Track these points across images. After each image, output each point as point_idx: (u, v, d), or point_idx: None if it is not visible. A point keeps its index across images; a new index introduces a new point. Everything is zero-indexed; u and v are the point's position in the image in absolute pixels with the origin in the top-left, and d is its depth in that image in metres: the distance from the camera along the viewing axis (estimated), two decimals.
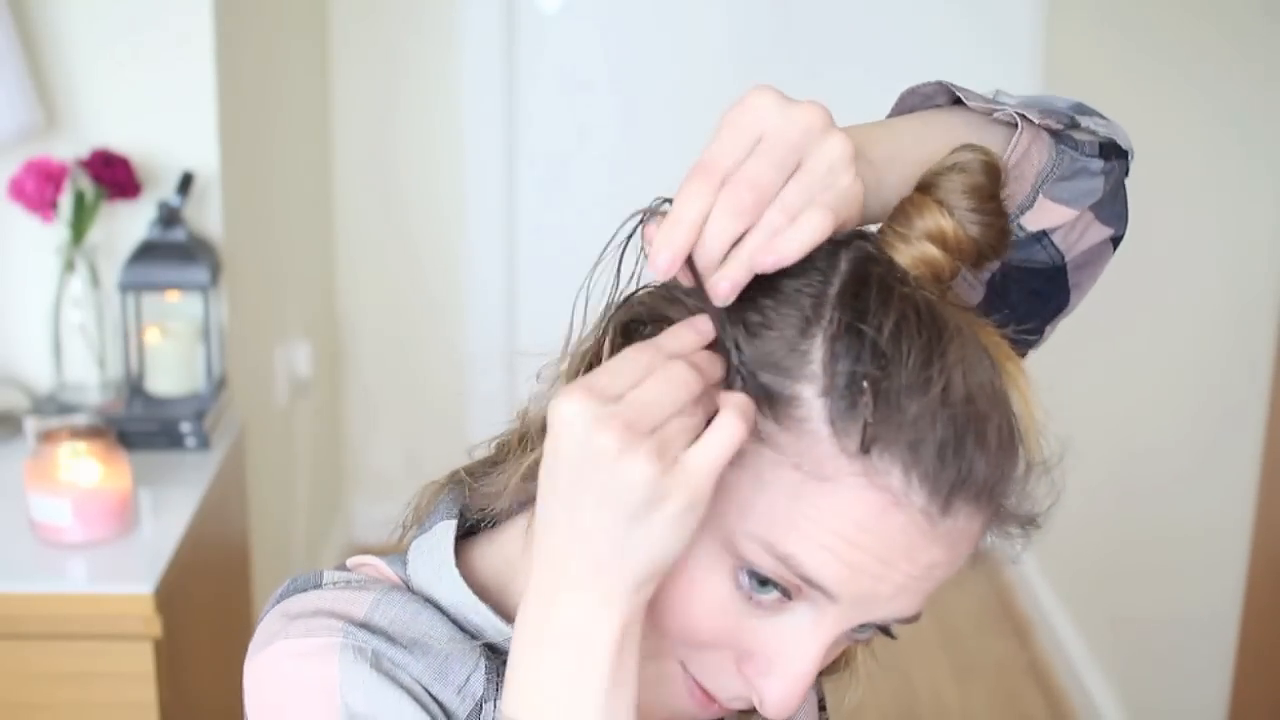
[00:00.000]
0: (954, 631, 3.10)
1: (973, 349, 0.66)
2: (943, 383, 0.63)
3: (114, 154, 1.93)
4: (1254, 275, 2.09)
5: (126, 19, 1.98)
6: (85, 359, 1.96)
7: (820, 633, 0.66)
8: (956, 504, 0.64)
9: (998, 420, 0.65)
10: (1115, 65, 2.79)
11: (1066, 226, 0.79)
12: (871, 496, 0.63)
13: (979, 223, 0.68)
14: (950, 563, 0.66)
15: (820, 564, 0.64)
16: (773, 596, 0.66)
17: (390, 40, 3.11)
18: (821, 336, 0.64)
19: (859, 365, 0.63)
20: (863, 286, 0.65)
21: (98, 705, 1.58)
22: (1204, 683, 2.19)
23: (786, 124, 0.64)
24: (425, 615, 0.73)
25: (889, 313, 0.64)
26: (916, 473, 0.63)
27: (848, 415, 0.63)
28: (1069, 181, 0.77)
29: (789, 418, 0.64)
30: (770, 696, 0.67)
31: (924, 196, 0.69)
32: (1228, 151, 2.25)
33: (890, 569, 0.64)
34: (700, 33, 3.19)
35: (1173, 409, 2.43)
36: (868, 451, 0.62)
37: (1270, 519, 2.00)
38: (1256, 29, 2.17)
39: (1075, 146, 0.77)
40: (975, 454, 0.64)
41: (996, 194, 0.69)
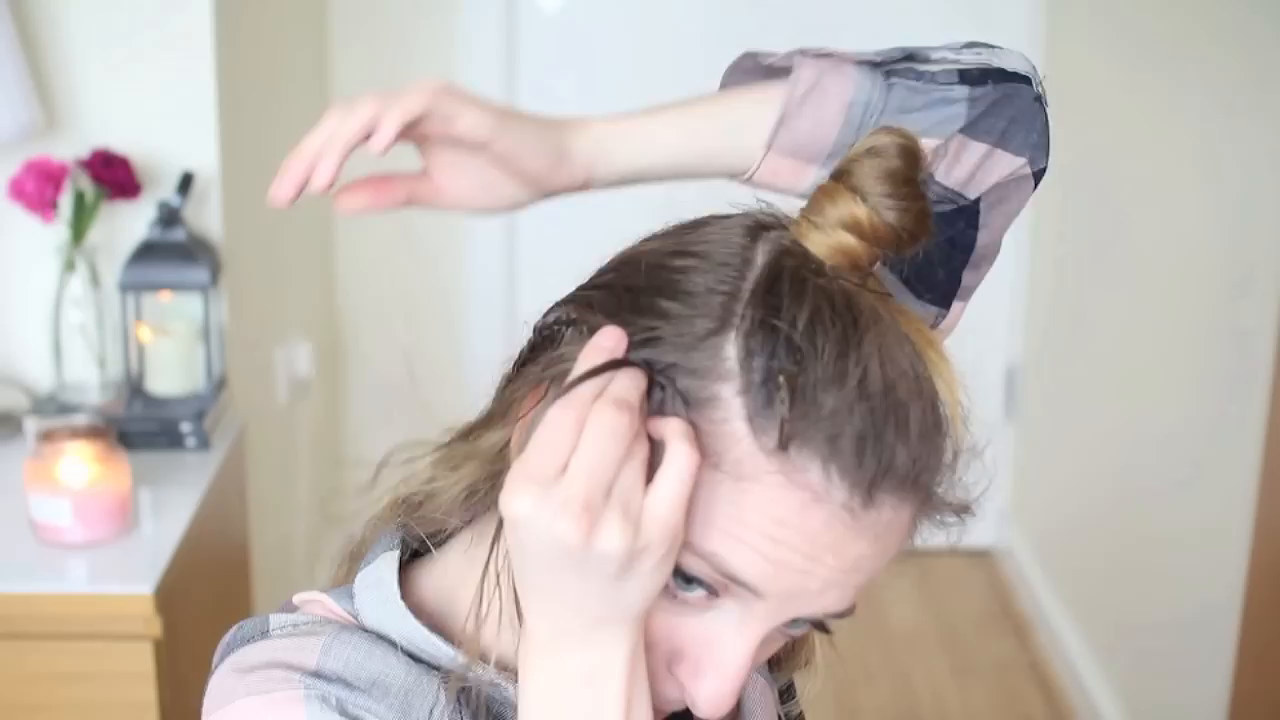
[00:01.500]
0: (954, 631, 3.10)
1: (892, 337, 0.65)
2: (859, 374, 0.62)
3: (114, 154, 1.93)
4: (1254, 275, 2.09)
5: (126, 19, 1.98)
6: (85, 359, 1.96)
7: (749, 630, 0.66)
8: (879, 495, 0.63)
9: (920, 408, 0.64)
10: (1114, 65, 2.79)
11: (947, 160, 0.77)
12: (791, 494, 0.62)
13: (895, 208, 0.66)
14: (879, 554, 0.65)
15: (744, 562, 0.63)
16: (699, 594, 0.65)
17: (390, 40, 3.10)
18: (735, 334, 0.64)
19: (774, 361, 0.62)
20: (776, 281, 0.65)
21: (98, 705, 1.58)
22: (1204, 682, 2.19)
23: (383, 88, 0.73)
24: (378, 653, 0.72)
25: (803, 306, 0.63)
26: (835, 467, 0.62)
27: (765, 413, 0.62)
28: (917, 113, 0.76)
29: (708, 419, 0.63)
30: (702, 696, 0.67)
31: (837, 184, 0.67)
32: (1227, 150, 2.25)
33: (816, 564, 0.64)
34: (700, 33, 3.19)
35: (1173, 409, 2.43)
36: (785, 449, 0.62)
37: (1270, 519, 2.00)
38: (1254, 30, 2.17)
39: (918, 77, 0.76)
40: (896, 444, 0.63)
41: (914, 178, 0.67)
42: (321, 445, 3.04)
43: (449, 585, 0.76)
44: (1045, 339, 3.16)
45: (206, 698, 0.72)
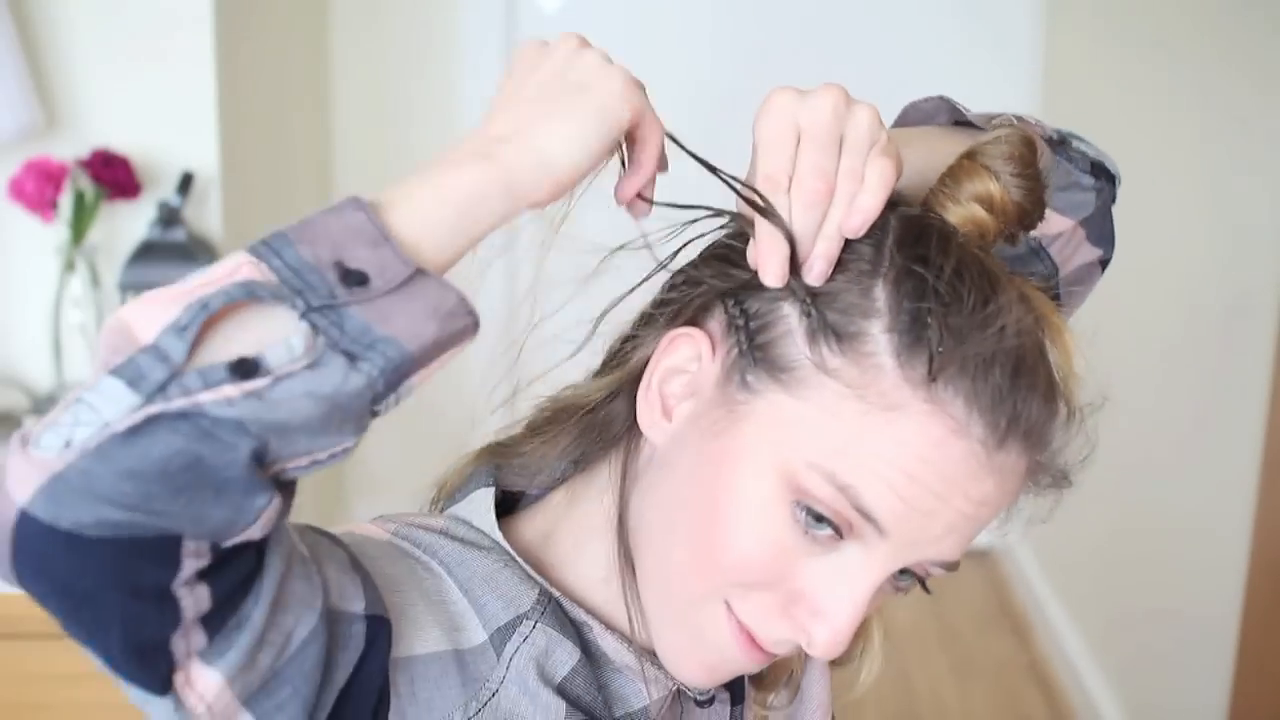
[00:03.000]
0: (954, 631, 3.10)
1: (1022, 299, 0.69)
2: (1000, 323, 0.67)
3: (114, 154, 1.93)
4: (1253, 273, 2.09)
5: (126, 19, 1.98)
6: (85, 359, 1.96)
7: (869, 573, 0.68)
8: (1010, 439, 0.67)
9: (1045, 366, 0.69)
10: (1114, 67, 2.79)
11: (1062, 241, 0.83)
12: (935, 425, 0.66)
13: (1021, 187, 0.72)
14: (998, 502, 0.69)
15: (877, 496, 0.66)
16: (826, 533, 0.67)
17: (391, 40, 3.11)
18: (884, 280, 0.68)
19: (923, 301, 0.66)
20: (922, 234, 0.69)
21: (98, 705, 1.58)
22: (1204, 682, 2.19)
23: (816, 111, 0.68)
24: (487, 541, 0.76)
25: (948, 257, 0.68)
26: (978, 404, 0.66)
27: (913, 348, 0.66)
28: (1064, 192, 0.82)
29: (855, 353, 0.67)
30: (819, 637, 0.69)
31: (972, 162, 0.73)
32: (1226, 151, 2.25)
33: (944, 504, 0.67)
34: (699, 33, 3.19)
35: (1172, 408, 2.43)
36: (934, 380, 0.66)
37: (1270, 518, 2.00)
38: (1254, 32, 2.17)
39: (1069, 160, 0.82)
40: (1028, 393, 0.67)
41: (1035, 163, 0.73)
42: None
43: (544, 532, 0.78)
44: None
45: None
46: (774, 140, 0.68)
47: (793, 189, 0.68)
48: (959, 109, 0.82)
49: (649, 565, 0.73)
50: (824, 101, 0.68)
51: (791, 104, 0.68)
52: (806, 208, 0.67)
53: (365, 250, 0.61)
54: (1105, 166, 0.85)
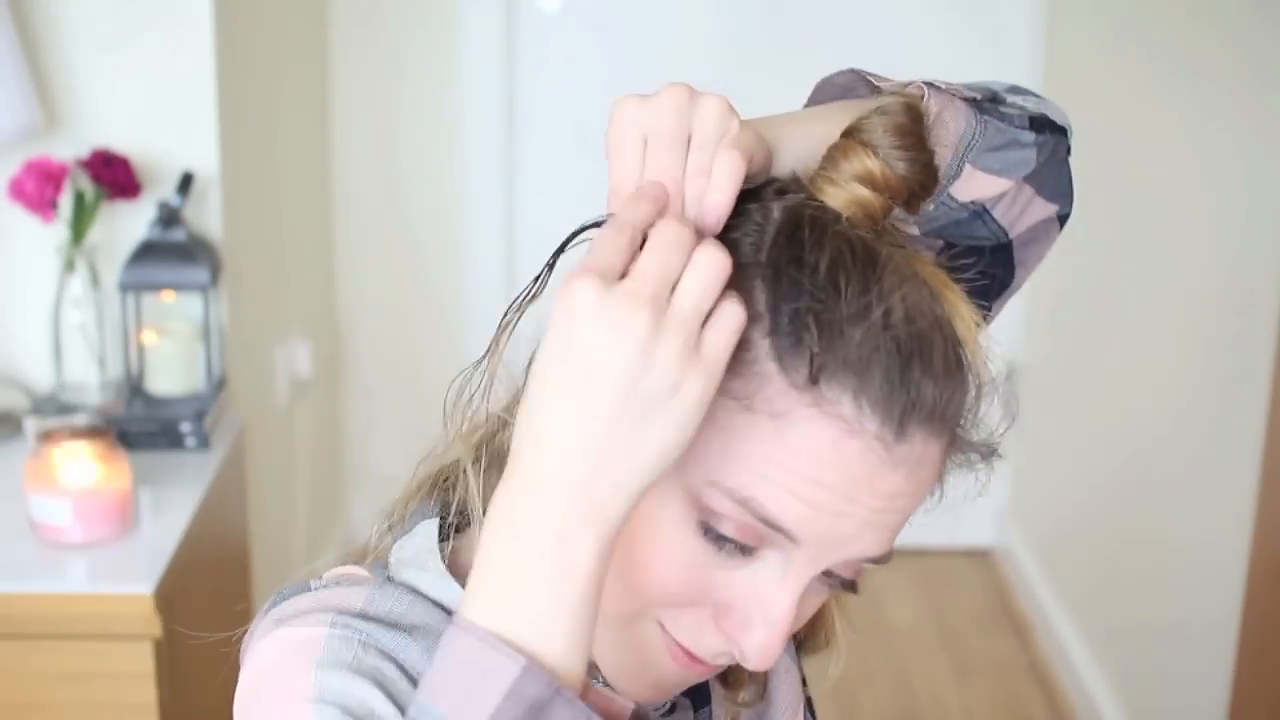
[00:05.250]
0: (954, 631, 3.10)
1: (910, 278, 0.67)
2: (883, 309, 0.64)
3: (114, 154, 1.93)
4: (1254, 274, 2.09)
5: (126, 19, 1.98)
6: (85, 359, 1.96)
7: (790, 579, 0.67)
8: (910, 427, 0.65)
9: (942, 344, 0.66)
10: (1115, 64, 2.79)
11: (1006, 201, 0.80)
12: (825, 428, 0.64)
13: (905, 159, 0.70)
14: (912, 493, 0.67)
15: (781, 506, 0.64)
16: (732, 550, 0.66)
17: (390, 40, 3.11)
18: (761, 280, 0.65)
19: (799, 301, 0.64)
20: (796, 229, 0.67)
21: (98, 705, 1.58)
22: (1204, 683, 2.19)
23: (658, 113, 0.66)
24: (419, 604, 0.73)
25: (824, 250, 0.65)
26: (866, 398, 0.64)
27: (793, 350, 0.64)
28: (998, 152, 0.78)
29: (738, 362, 0.64)
30: (750, 648, 0.68)
31: (849, 140, 0.70)
32: (1227, 150, 2.25)
33: (852, 503, 0.65)
34: (699, 33, 3.19)
35: (1173, 409, 2.43)
36: (816, 382, 0.63)
37: (1270, 519, 2.00)
38: (1254, 29, 2.17)
39: (1001, 118, 0.78)
40: (923, 377, 0.65)
41: (919, 132, 0.71)
42: (321, 445, 3.04)
43: None
44: (1045, 340, 3.16)
45: (244, 651, 0.74)
46: (618, 149, 0.67)
47: (640, 196, 0.65)
48: (872, 81, 0.79)
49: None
50: (665, 102, 0.67)
51: (634, 110, 0.67)
52: (655, 211, 0.65)
53: None
54: (1049, 119, 0.81)
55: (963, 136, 0.77)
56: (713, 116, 0.66)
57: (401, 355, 3.27)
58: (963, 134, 0.77)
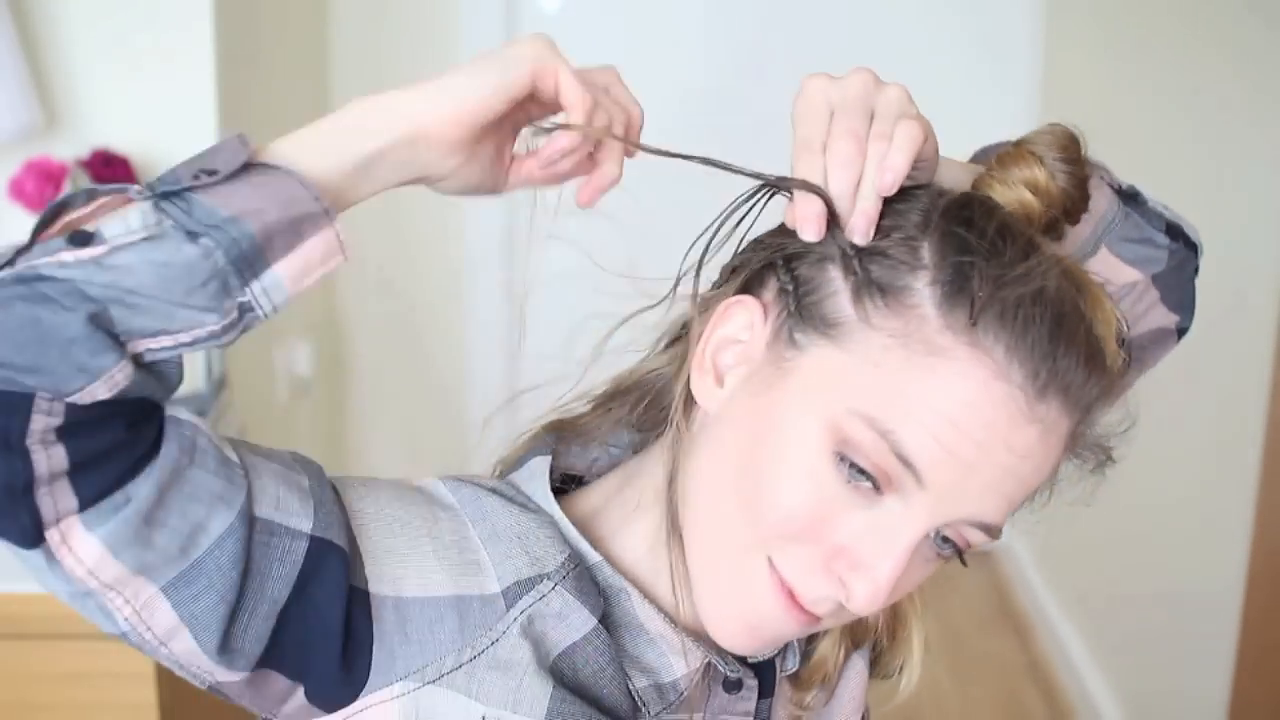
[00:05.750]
0: (954, 631, 3.10)
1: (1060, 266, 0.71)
2: (1040, 279, 0.69)
3: (114, 154, 1.93)
4: (1253, 275, 2.09)
5: (126, 20, 1.98)
6: None
7: (909, 527, 0.70)
8: (1051, 391, 0.68)
9: (1084, 330, 0.70)
10: (1112, 71, 2.79)
11: (1133, 296, 0.85)
12: (976, 368, 0.67)
13: (1066, 173, 0.76)
14: (1039, 461, 0.70)
15: (918, 442, 0.67)
16: (867, 485, 0.69)
17: (390, 40, 3.11)
18: (929, 240, 0.70)
19: (966, 255, 0.69)
20: (967, 202, 0.73)
21: (98, 705, 1.58)
22: (1204, 682, 2.19)
23: (847, 89, 0.72)
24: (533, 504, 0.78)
25: (991, 220, 0.71)
26: (1018, 351, 0.68)
27: (955, 297, 0.68)
28: (1134, 244, 0.84)
29: (900, 305, 0.69)
30: (858, 590, 0.70)
31: (1020, 149, 0.77)
32: (1226, 154, 2.25)
33: (985, 454, 0.68)
34: (699, 34, 3.19)
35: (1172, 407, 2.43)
36: (975, 324, 0.68)
37: (1270, 518, 2.00)
38: (1253, 37, 2.17)
39: (1142, 214, 0.85)
40: (1068, 349, 0.69)
41: (1079, 156, 0.77)
42: (321, 445, 3.04)
43: (595, 507, 0.81)
44: None
45: None
46: (808, 113, 0.72)
47: (827, 151, 0.71)
48: None
49: (695, 526, 0.74)
50: (855, 79, 0.72)
51: (825, 85, 0.72)
52: (840, 166, 0.70)
53: (226, 156, 0.67)
54: (1183, 230, 0.88)
55: (1104, 217, 0.83)
56: (896, 97, 0.72)
57: (401, 355, 3.27)
58: (1104, 214, 0.83)
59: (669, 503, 0.75)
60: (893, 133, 0.70)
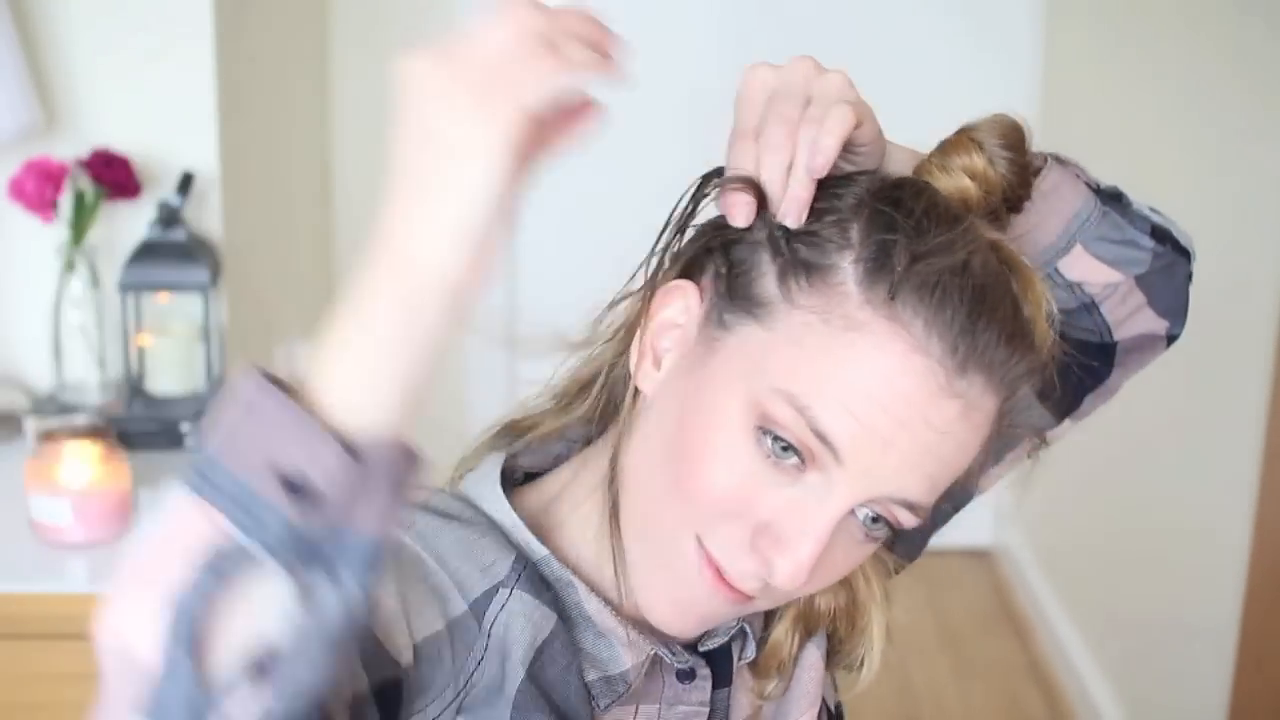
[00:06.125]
0: (954, 631, 3.10)
1: (990, 245, 0.72)
2: (964, 256, 0.70)
3: (114, 154, 1.93)
4: (1253, 273, 2.09)
5: (126, 19, 1.98)
6: (85, 359, 1.96)
7: (829, 503, 0.70)
8: (970, 368, 0.69)
9: (1009, 308, 0.71)
10: (1113, 68, 2.79)
11: (1116, 299, 0.85)
12: (894, 342, 0.68)
13: (1007, 160, 0.76)
14: (960, 439, 0.70)
15: (834, 418, 0.68)
16: (789, 462, 0.70)
17: (390, 40, 3.10)
18: (858, 220, 0.71)
19: (890, 233, 0.70)
20: (900, 184, 0.73)
21: None
22: (1204, 682, 2.19)
23: (787, 77, 0.72)
24: (469, 510, 0.79)
25: (920, 200, 0.72)
26: (936, 325, 0.68)
27: (876, 272, 0.69)
28: (1114, 245, 0.84)
29: (824, 283, 0.70)
30: (781, 566, 0.71)
31: (962, 136, 0.77)
32: (1227, 153, 2.25)
33: (903, 429, 0.68)
34: (698, 32, 3.19)
35: (1172, 408, 2.43)
36: (894, 298, 0.68)
37: (1270, 518, 2.00)
38: (1253, 35, 2.17)
39: (1123, 215, 0.84)
40: (989, 325, 0.69)
41: (1023, 144, 0.77)
42: None
43: (548, 497, 0.82)
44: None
45: None
46: (745, 100, 0.73)
47: (760, 136, 0.71)
48: None
49: (631, 508, 0.76)
50: (794, 66, 0.72)
51: (765, 73, 0.72)
52: (771, 151, 0.71)
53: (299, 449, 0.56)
54: (1172, 235, 0.87)
55: (1077, 214, 0.82)
56: (834, 84, 0.72)
57: None
58: (1078, 212, 0.82)
59: (609, 489, 0.77)
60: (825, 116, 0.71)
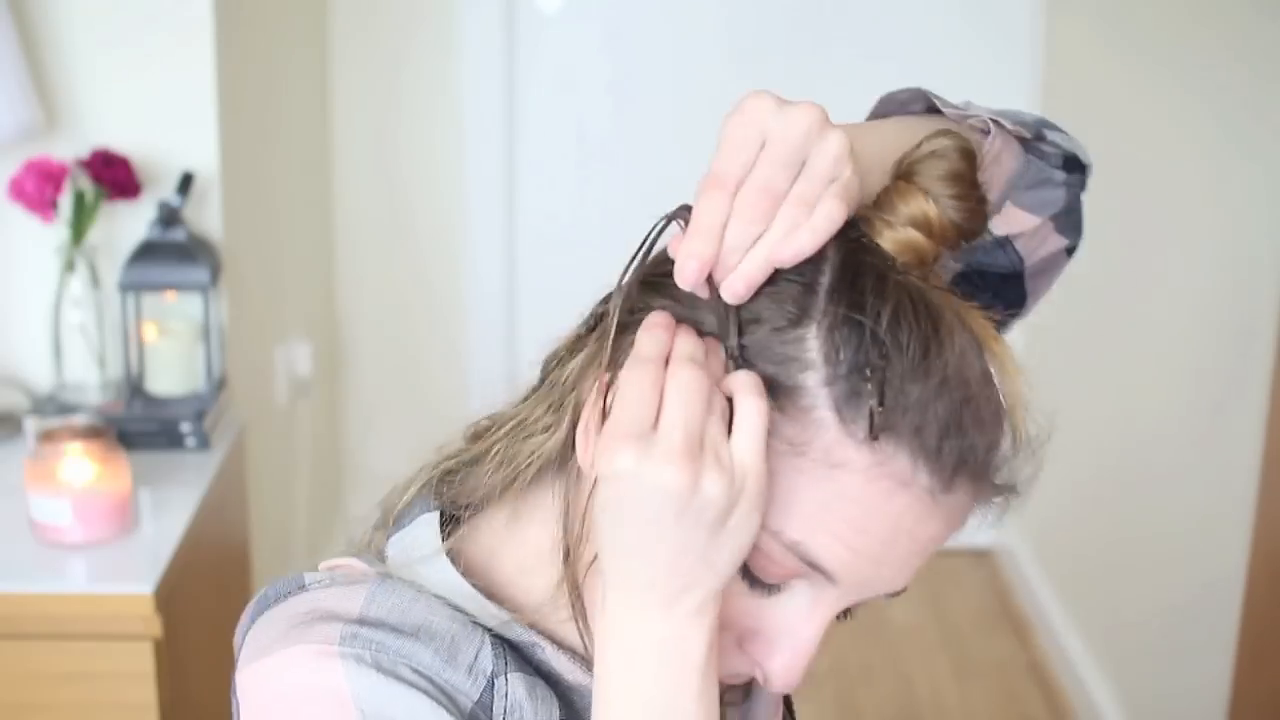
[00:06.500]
0: (954, 631, 3.10)
1: (962, 332, 0.68)
2: (941, 368, 0.65)
3: (114, 154, 1.93)
4: (1254, 272, 2.09)
5: (126, 19, 1.98)
6: (85, 359, 1.96)
7: (819, 612, 0.69)
8: (958, 482, 0.66)
9: (990, 398, 0.68)
10: (1115, 64, 2.79)
11: (1029, 234, 0.82)
12: (879, 481, 0.65)
13: (959, 208, 0.70)
14: (945, 536, 0.69)
15: (825, 549, 0.66)
16: (774, 584, 0.68)
17: (390, 40, 3.11)
18: (817, 327, 0.66)
19: (860, 354, 0.65)
20: (857, 276, 0.67)
21: (98, 705, 1.58)
22: (1204, 681, 2.19)
23: (787, 126, 0.65)
24: (422, 600, 0.73)
25: (885, 301, 0.66)
26: (923, 455, 0.65)
27: (853, 403, 0.65)
28: (1034, 190, 0.81)
29: (794, 407, 0.65)
30: (775, 672, 0.70)
31: (908, 184, 0.70)
32: (1227, 148, 2.25)
33: (891, 549, 0.67)
34: (699, 33, 3.19)
35: (1172, 408, 2.43)
36: (876, 438, 0.64)
37: (1270, 517, 2.00)
38: (1255, 29, 2.17)
39: (1041, 157, 0.81)
40: (974, 433, 0.66)
41: (974, 179, 0.71)
42: (321, 445, 3.04)
43: (488, 548, 0.77)
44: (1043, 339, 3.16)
45: (245, 647, 0.73)
46: (736, 142, 0.66)
47: (738, 197, 0.65)
48: (934, 99, 0.80)
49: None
50: (798, 118, 0.65)
51: (766, 111, 0.66)
52: (744, 221, 0.65)
53: None
54: (1078, 158, 0.83)
55: (1013, 175, 0.79)
56: (834, 153, 0.65)
57: (401, 355, 3.27)
58: (1014, 171, 0.79)
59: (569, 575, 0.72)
60: (816, 203, 0.65)
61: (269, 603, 0.74)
